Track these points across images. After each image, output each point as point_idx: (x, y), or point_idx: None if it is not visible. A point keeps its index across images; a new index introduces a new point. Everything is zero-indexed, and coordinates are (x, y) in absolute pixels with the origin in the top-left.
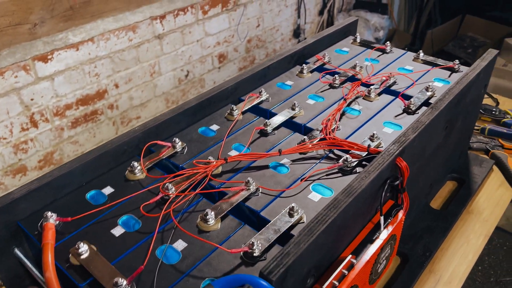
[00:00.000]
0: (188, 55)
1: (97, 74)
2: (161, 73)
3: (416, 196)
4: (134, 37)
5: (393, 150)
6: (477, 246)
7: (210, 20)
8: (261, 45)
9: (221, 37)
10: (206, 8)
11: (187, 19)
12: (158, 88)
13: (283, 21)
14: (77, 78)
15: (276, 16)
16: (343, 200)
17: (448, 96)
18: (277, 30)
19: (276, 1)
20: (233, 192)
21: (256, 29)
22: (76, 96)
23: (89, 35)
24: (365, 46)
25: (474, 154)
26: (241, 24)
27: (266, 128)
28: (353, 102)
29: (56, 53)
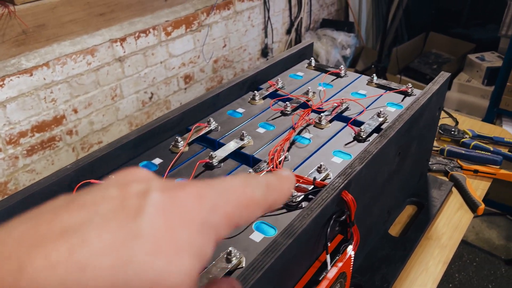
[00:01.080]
0: (151, 77)
1: (53, 100)
2: (123, 96)
3: (372, 225)
4: (93, 60)
5: (338, 183)
6: (436, 274)
7: (174, 41)
8: (229, 65)
9: (186, 58)
10: (169, 30)
11: (149, 41)
12: (120, 112)
13: (250, 41)
14: (32, 105)
15: (243, 36)
16: (282, 243)
17: (398, 123)
18: (244, 50)
19: (242, 21)
20: None
21: (222, 49)
22: (31, 123)
23: (44, 59)
24: (320, 70)
25: (433, 177)
26: (207, 45)
27: (211, 161)
28: (304, 130)
29: (8, 79)
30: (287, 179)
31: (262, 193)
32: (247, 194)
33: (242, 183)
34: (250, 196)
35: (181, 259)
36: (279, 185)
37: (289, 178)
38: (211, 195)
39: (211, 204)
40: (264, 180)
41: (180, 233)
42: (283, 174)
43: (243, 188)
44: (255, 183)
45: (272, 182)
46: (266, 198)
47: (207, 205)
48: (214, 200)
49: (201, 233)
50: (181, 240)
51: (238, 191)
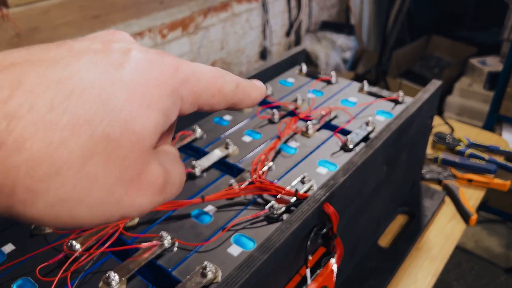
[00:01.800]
0: None
1: None
2: None
3: (361, 235)
4: None
5: (319, 196)
6: (424, 287)
7: (170, 44)
8: (227, 67)
9: None
10: (165, 32)
11: (145, 44)
12: None
13: (248, 43)
14: None
15: (241, 38)
16: (258, 258)
17: (385, 133)
18: (242, 52)
19: (240, 24)
20: (144, 249)
21: (220, 51)
22: None
23: None
24: (311, 76)
25: (426, 186)
26: (204, 48)
27: (193, 171)
28: (291, 139)
29: None
30: (257, 88)
31: (231, 89)
32: (218, 84)
33: (216, 73)
34: (220, 86)
35: (151, 111)
36: (248, 89)
37: (260, 88)
38: (186, 70)
39: (183, 77)
40: (237, 79)
41: (154, 90)
42: (256, 83)
43: (215, 78)
44: (227, 78)
45: (244, 84)
46: (233, 95)
47: (180, 77)
48: (187, 76)
49: (171, 97)
50: (154, 96)
51: (211, 78)
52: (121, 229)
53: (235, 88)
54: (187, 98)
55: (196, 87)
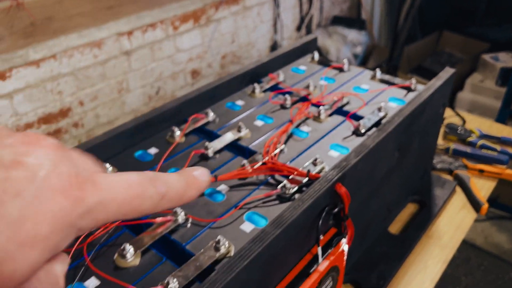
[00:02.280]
0: (158, 72)
1: (60, 92)
2: (130, 90)
3: (371, 221)
4: (99, 53)
5: (332, 176)
6: (434, 273)
7: (182, 36)
8: (237, 61)
9: (194, 53)
10: (177, 24)
11: (156, 35)
12: (126, 105)
13: (259, 37)
14: (39, 96)
15: (252, 32)
16: (270, 232)
17: (398, 117)
18: (253, 46)
19: (251, 17)
20: (158, 224)
21: (231, 45)
22: (38, 115)
23: (51, 51)
24: (323, 64)
25: (436, 175)
26: (215, 40)
27: (206, 152)
28: (303, 124)
29: (15, 70)
30: (195, 186)
31: (150, 205)
32: (132, 205)
33: (133, 192)
34: (135, 206)
35: (33, 251)
36: (180, 192)
37: (199, 184)
38: (91, 200)
39: (85, 209)
40: (163, 190)
41: (44, 227)
42: (195, 177)
43: (130, 199)
44: (148, 193)
45: (173, 191)
46: (155, 208)
47: (81, 210)
48: (90, 208)
49: (63, 232)
50: (42, 234)
51: (124, 200)
52: None
53: (159, 201)
54: (87, 227)
55: (100, 216)
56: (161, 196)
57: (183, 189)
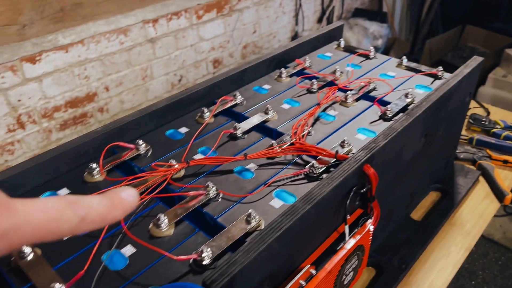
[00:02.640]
0: (181, 60)
1: (87, 77)
2: (154, 77)
3: (395, 206)
4: (125, 40)
5: (360, 156)
6: (457, 259)
7: (205, 25)
8: (258, 51)
9: (216, 43)
10: (201, 13)
11: (180, 24)
12: (150, 92)
13: (280, 28)
14: (66, 80)
15: (274, 22)
16: (301, 207)
17: (426, 103)
18: (274, 36)
19: (273, 8)
20: (191, 197)
21: (252, 35)
22: (65, 98)
23: (79, 37)
24: (349, 51)
25: (460, 165)
26: (237, 30)
27: (235, 132)
28: (329, 107)
29: (45, 54)
30: (120, 206)
31: (69, 228)
32: (48, 228)
33: (49, 215)
34: (52, 230)
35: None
36: (103, 213)
37: (124, 205)
38: (2, 225)
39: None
40: (83, 212)
41: None
42: (121, 198)
43: (47, 221)
44: (67, 216)
45: (94, 213)
46: (75, 230)
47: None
48: (4, 231)
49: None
50: None
51: (39, 223)
52: (169, 178)
53: (78, 223)
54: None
55: (15, 240)
56: (80, 218)
57: (106, 211)
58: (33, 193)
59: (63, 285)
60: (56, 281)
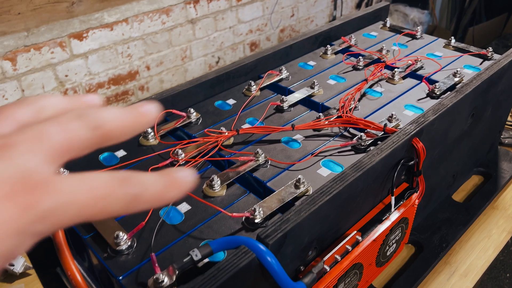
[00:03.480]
0: (220, 42)
1: (129, 55)
2: (192, 58)
3: (437, 185)
4: (167, 20)
5: (410, 130)
6: (498, 242)
7: (244, 7)
8: (295, 35)
9: (254, 25)
10: None
11: (220, 5)
12: (188, 73)
13: (318, 12)
14: (110, 58)
15: (312, 6)
16: (350, 174)
17: (476, 81)
18: (311, 21)
19: None
20: (242, 162)
21: (290, 18)
22: (108, 76)
23: (124, 16)
24: (395, 31)
25: (504, 150)
26: (275, 13)
27: (282, 104)
28: (376, 84)
29: (91, 31)
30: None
31: (121, 207)
32: (97, 208)
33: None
34: (101, 209)
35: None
36: (159, 193)
37: (181, 185)
38: (44, 205)
39: (39, 215)
40: (137, 190)
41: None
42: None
43: (94, 201)
44: (117, 195)
45: (149, 190)
46: (127, 210)
47: (34, 216)
48: (45, 212)
49: (15, 239)
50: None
51: (86, 203)
52: (220, 144)
53: (131, 202)
54: (46, 231)
55: (60, 220)
56: (134, 197)
57: (162, 191)
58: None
59: (125, 234)
60: (119, 230)
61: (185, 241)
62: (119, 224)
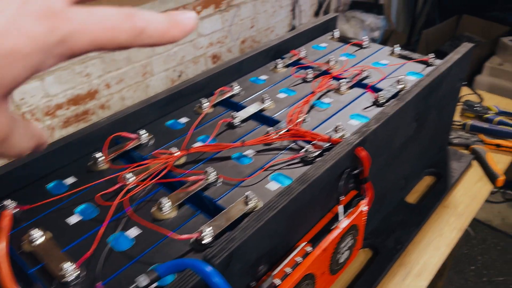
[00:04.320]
0: (180, 56)
1: (88, 74)
2: (153, 73)
3: (389, 189)
4: None
5: (353, 139)
6: (450, 239)
7: (203, 20)
8: (256, 45)
9: (214, 38)
10: (199, 9)
11: None
12: (150, 89)
13: (278, 22)
14: (68, 78)
15: (271, 17)
16: (295, 188)
17: (416, 88)
18: (272, 31)
19: (270, 2)
20: (192, 182)
21: (250, 30)
22: (67, 96)
23: None
24: (343, 41)
25: (453, 149)
26: (234, 25)
27: (233, 121)
28: (324, 95)
29: None
30: (180, 27)
31: (127, 38)
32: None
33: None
34: (110, 39)
35: (16, 65)
36: (162, 29)
37: (184, 25)
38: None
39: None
40: (142, 23)
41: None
42: (181, 19)
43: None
44: (125, 27)
45: (153, 25)
46: (133, 42)
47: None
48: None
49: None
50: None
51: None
52: (170, 165)
53: (137, 35)
54: (64, 54)
55: (75, 45)
56: (139, 30)
57: (165, 28)
58: (41, 182)
59: (73, 264)
60: (66, 261)
61: (134, 267)
62: (67, 254)
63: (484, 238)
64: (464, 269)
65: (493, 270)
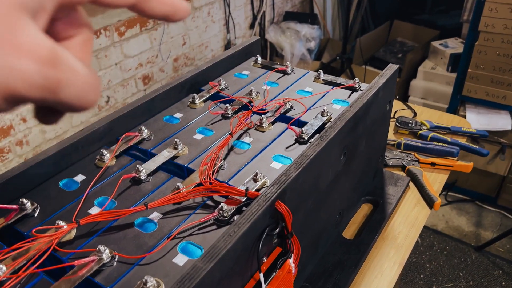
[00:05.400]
0: (106, 80)
1: None
2: None
3: (323, 229)
4: None
5: (270, 193)
6: (391, 276)
7: (128, 41)
8: (190, 63)
9: (143, 58)
10: (122, 30)
11: (101, 43)
12: (75, 118)
13: (211, 37)
14: None
15: (204, 32)
16: (201, 268)
17: (340, 122)
18: (206, 46)
19: (201, 18)
20: (80, 266)
21: (182, 47)
22: None
23: None
24: (266, 68)
25: (389, 172)
26: (164, 44)
27: (138, 175)
28: (244, 134)
29: None
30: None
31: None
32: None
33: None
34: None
35: None
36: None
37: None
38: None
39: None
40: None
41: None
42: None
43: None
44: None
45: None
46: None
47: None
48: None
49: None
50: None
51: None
52: (54, 245)
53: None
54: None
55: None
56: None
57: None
58: None
59: None
60: None
61: None
62: None
63: (431, 244)
64: (414, 278)
65: (441, 277)
